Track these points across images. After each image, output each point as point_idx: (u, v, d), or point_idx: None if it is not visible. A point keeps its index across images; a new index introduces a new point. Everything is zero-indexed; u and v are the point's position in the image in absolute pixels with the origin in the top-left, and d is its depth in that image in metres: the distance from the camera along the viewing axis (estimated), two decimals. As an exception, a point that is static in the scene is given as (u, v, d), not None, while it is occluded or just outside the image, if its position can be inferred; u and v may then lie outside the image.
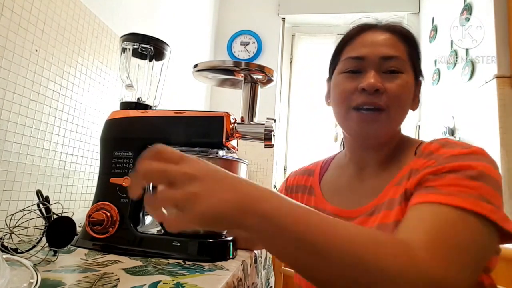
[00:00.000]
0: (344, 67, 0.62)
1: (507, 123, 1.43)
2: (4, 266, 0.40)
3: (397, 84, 0.58)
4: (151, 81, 0.89)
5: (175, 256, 0.67)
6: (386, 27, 0.63)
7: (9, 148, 0.78)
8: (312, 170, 0.78)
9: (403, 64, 0.60)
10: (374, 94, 0.58)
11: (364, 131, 0.61)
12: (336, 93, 0.64)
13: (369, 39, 0.61)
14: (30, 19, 0.83)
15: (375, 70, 0.59)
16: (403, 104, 0.60)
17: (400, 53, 0.60)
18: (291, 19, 2.65)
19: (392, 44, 0.60)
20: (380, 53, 0.59)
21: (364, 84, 0.58)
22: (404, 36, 0.62)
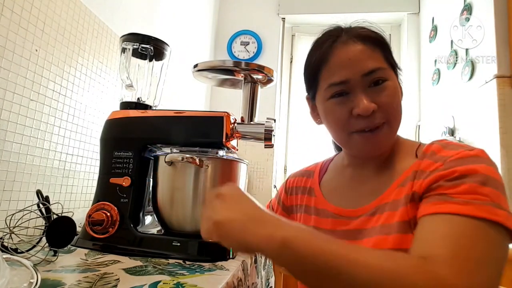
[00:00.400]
0: (329, 94, 0.61)
1: (507, 123, 1.43)
2: (4, 266, 0.40)
3: (387, 95, 0.58)
4: (151, 81, 0.89)
5: (175, 256, 0.67)
6: (355, 36, 0.60)
7: (9, 148, 0.78)
8: (311, 172, 0.78)
9: (385, 71, 0.59)
10: (370, 115, 0.57)
11: (368, 150, 0.61)
12: (331, 121, 0.63)
13: (344, 58, 0.59)
14: (30, 19, 0.83)
15: (361, 89, 0.58)
16: (398, 111, 0.60)
17: (378, 62, 0.59)
18: (291, 19, 2.65)
19: (368, 55, 0.59)
20: (360, 70, 0.58)
21: (359, 110, 0.57)
22: (376, 41, 0.61)
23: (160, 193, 0.74)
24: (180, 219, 0.73)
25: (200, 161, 0.70)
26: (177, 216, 0.73)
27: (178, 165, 0.72)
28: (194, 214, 0.72)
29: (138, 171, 0.75)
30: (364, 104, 0.57)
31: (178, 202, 0.72)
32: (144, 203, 0.77)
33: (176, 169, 0.72)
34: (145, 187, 0.77)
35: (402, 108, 0.62)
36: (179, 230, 0.72)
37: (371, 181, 0.64)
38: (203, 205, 0.50)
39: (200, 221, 0.72)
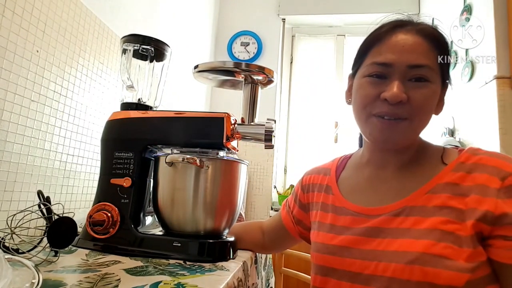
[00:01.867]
0: (368, 71, 0.59)
1: (507, 124, 1.43)
2: (7, 267, 0.40)
3: (423, 94, 0.56)
4: (152, 82, 0.89)
5: (176, 256, 0.67)
6: (419, 29, 0.59)
7: (10, 149, 0.78)
8: (328, 169, 0.76)
9: (432, 73, 0.57)
10: (397, 105, 0.56)
11: (384, 138, 0.59)
12: (357, 97, 0.62)
13: (398, 43, 0.57)
14: (31, 20, 0.83)
15: (400, 78, 0.56)
16: (426, 114, 0.58)
17: (430, 61, 0.57)
18: (291, 20, 2.65)
19: (422, 51, 0.57)
20: (408, 61, 0.56)
21: (387, 94, 0.55)
22: (437, 42, 0.58)
23: (160, 193, 0.74)
24: (180, 219, 0.73)
25: (201, 161, 0.70)
26: (177, 216, 0.73)
27: (179, 165, 0.72)
28: (194, 214, 0.72)
29: (138, 172, 0.75)
30: (395, 91, 0.55)
31: (178, 203, 0.73)
32: (144, 204, 0.77)
33: (176, 169, 0.72)
34: (145, 188, 0.77)
35: (430, 117, 0.60)
36: (180, 230, 0.72)
37: (392, 181, 0.62)
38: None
39: (200, 221, 0.72)
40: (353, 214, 0.63)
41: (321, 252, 0.65)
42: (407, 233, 0.54)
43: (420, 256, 0.51)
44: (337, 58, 2.60)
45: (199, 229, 0.73)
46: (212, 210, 0.73)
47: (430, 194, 0.55)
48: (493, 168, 0.53)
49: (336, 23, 2.64)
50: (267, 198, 2.34)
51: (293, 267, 1.44)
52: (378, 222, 0.58)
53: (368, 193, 0.65)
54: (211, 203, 0.72)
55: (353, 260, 0.58)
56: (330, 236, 0.64)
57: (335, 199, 0.69)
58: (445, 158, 0.58)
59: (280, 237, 0.83)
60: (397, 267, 0.52)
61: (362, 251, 0.58)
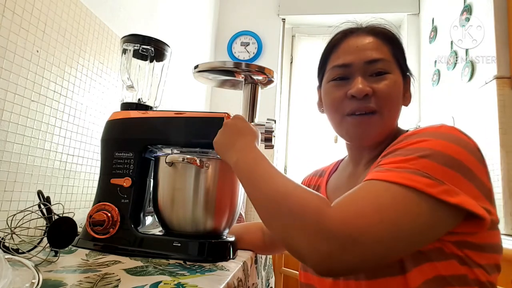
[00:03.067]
0: (331, 76, 0.63)
1: (506, 124, 1.43)
2: (7, 267, 0.40)
3: (385, 84, 0.59)
4: (152, 82, 0.89)
5: (176, 256, 0.67)
6: (368, 30, 0.63)
7: (10, 149, 0.78)
8: (323, 172, 0.80)
9: (389, 65, 0.61)
10: (364, 99, 0.59)
11: (358, 134, 0.62)
12: (327, 102, 0.65)
13: (352, 45, 0.62)
14: (31, 20, 0.83)
15: (361, 75, 0.60)
16: (394, 103, 0.61)
17: (384, 54, 0.61)
18: (291, 20, 2.65)
19: (376, 47, 0.61)
20: (365, 57, 0.60)
21: (353, 90, 0.59)
22: (387, 37, 0.63)
23: (160, 193, 0.74)
24: (180, 219, 0.73)
25: (201, 161, 0.70)
26: (177, 216, 0.73)
27: (179, 165, 0.72)
28: (194, 214, 0.72)
29: (138, 172, 0.75)
30: (359, 86, 0.58)
31: (178, 203, 0.73)
32: (144, 204, 0.77)
33: (176, 169, 0.72)
34: (145, 188, 0.77)
35: (400, 106, 0.63)
36: (180, 230, 0.72)
37: (361, 176, 0.63)
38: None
39: (200, 221, 0.72)
40: None
41: None
42: None
43: None
44: (337, 58, 2.60)
45: (199, 229, 0.73)
46: (212, 210, 0.73)
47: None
48: (403, 136, 0.54)
49: (336, 23, 2.64)
50: (267, 198, 2.34)
51: (293, 267, 1.44)
52: None
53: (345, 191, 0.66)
54: (211, 203, 0.72)
55: None
56: None
57: None
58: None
59: None
60: None
61: None
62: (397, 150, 0.50)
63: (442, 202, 0.43)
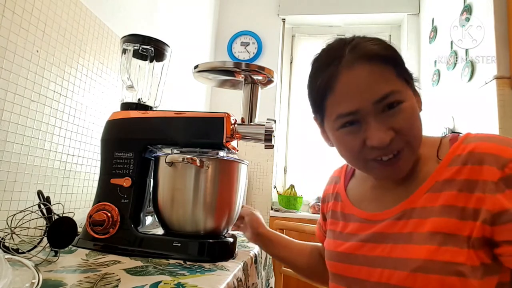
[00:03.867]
0: (338, 125, 0.55)
1: (506, 124, 1.43)
2: (7, 267, 0.40)
3: (404, 118, 0.52)
4: (152, 82, 0.89)
5: (176, 256, 0.67)
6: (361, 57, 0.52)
7: (10, 149, 0.78)
8: (338, 178, 0.74)
9: (400, 93, 0.52)
10: (387, 147, 0.52)
11: (391, 175, 0.56)
12: (344, 151, 0.58)
13: (351, 86, 0.52)
14: (31, 20, 0.83)
15: (374, 117, 0.51)
16: (418, 130, 0.54)
17: (390, 83, 0.52)
18: (291, 20, 2.65)
19: (378, 78, 0.51)
20: (371, 97, 0.51)
21: (374, 142, 0.51)
22: (386, 59, 0.53)
23: (160, 193, 0.74)
24: (180, 219, 0.73)
25: (201, 161, 0.70)
26: (177, 216, 0.73)
27: (179, 165, 0.72)
28: (194, 214, 0.72)
29: (138, 172, 0.75)
30: (379, 136, 0.50)
31: (178, 203, 0.73)
32: (144, 204, 0.77)
33: (176, 169, 0.72)
34: (145, 188, 0.77)
35: (421, 124, 0.55)
36: (180, 230, 0.72)
37: (395, 184, 0.60)
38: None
39: (200, 221, 0.72)
40: (360, 220, 0.62)
41: (331, 260, 0.64)
42: (409, 238, 0.52)
43: (423, 263, 0.49)
44: (337, 58, 2.59)
45: (199, 229, 0.73)
46: (212, 210, 0.73)
47: (430, 193, 0.53)
48: (490, 156, 0.49)
49: (336, 23, 2.64)
50: (267, 198, 2.34)
51: (293, 267, 1.44)
52: (382, 227, 0.56)
53: (373, 200, 0.63)
54: (211, 203, 0.72)
55: (360, 267, 0.57)
56: (338, 243, 0.63)
57: (344, 206, 0.67)
58: (440, 153, 0.56)
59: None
60: (400, 275, 0.51)
61: (368, 258, 0.56)
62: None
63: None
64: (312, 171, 2.53)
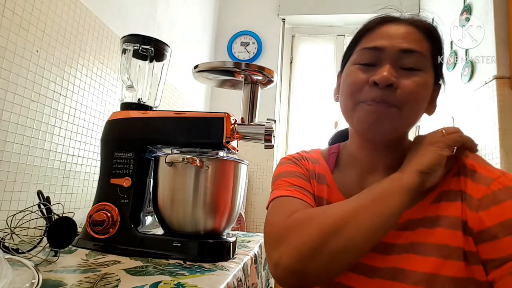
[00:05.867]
0: (358, 58, 0.55)
1: (506, 124, 1.43)
2: (7, 267, 0.40)
3: (414, 81, 0.51)
4: (152, 82, 0.89)
5: (176, 256, 0.67)
6: (410, 21, 0.56)
7: (9, 149, 0.78)
8: (316, 159, 0.66)
9: (424, 61, 0.53)
10: (386, 89, 0.51)
11: (370, 123, 0.53)
12: (345, 84, 0.57)
13: (389, 31, 0.54)
14: (31, 20, 0.83)
15: (391, 64, 0.52)
16: (418, 104, 0.53)
17: (422, 48, 0.53)
18: (291, 20, 2.65)
19: (414, 39, 0.53)
20: (399, 46, 0.52)
21: (377, 77, 0.51)
22: (429, 32, 0.55)
23: (160, 193, 0.74)
24: (180, 219, 0.73)
25: (201, 161, 0.70)
26: (177, 216, 0.73)
27: (179, 165, 0.72)
28: (194, 214, 0.72)
29: (138, 172, 0.75)
30: (384, 74, 0.50)
31: (178, 203, 0.73)
32: (144, 204, 0.77)
33: (176, 169, 0.73)
34: (145, 188, 0.77)
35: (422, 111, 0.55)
36: (180, 230, 0.72)
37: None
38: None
39: (200, 221, 0.72)
40: None
41: None
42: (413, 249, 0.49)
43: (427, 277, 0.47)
44: (337, 58, 2.60)
45: (199, 229, 0.73)
46: (212, 210, 0.73)
47: (435, 204, 0.51)
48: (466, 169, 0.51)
49: (336, 23, 2.64)
50: (267, 198, 2.34)
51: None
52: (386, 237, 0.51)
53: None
54: (211, 203, 0.72)
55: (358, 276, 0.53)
56: None
57: (331, 194, 0.61)
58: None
59: None
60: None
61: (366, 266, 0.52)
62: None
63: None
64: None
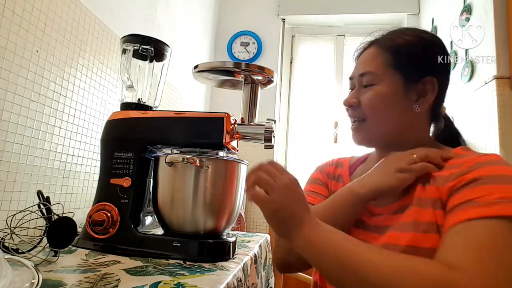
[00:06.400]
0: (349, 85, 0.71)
1: (506, 124, 1.43)
2: (6, 267, 0.40)
3: (367, 96, 0.64)
4: (152, 82, 0.89)
5: (176, 256, 0.67)
6: (375, 41, 0.67)
7: (9, 149, 0.78)
8: (341, 164, 0.78)
9: (375, 77, 0.63)
10: (352, 109, 0.66)
11: (352, 138, 0.68)
12: None
13: (359, 61, 0.68)
14: (31, 20, 0.83)
15: (358, 87, 0.66)
16: (378, 112, 0.63)
17: (373, 67, 0.64)
18: (291, 20, 2.65)
19: (370, 59, 0.65)
20: (358, 72, 0.66)
21: (343, 101, 0.67)
22: (389, 46, 0.63)
23: (160, 193, 0.74)
24: (180, 219, 0.73)
25: (201, 161, 0.70)
26: (177, 216, 0.73)
27: (179, 165, 0.72)
28: (194, 214, 0.72)
29: (138, 172, 0.75)
30: (347, 98, 0.67)
31: (178, 203, 0.73)
32: (144, 204, 0.77)
33: (176, 169, 0.72)
34: (145, 188, 0.77)
35: (392, 114, 0.63)
36: (180, 230, 0.72)
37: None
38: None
39: (200, 221, 0.72)
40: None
41: None
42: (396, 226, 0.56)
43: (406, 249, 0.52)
44: (337, 58, 2.60)
45: (199, 229, 0.73)
46: (212, 210, 0.73)
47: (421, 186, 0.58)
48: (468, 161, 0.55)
49: (336, 23, 2.64)
50: (267, 198, 2.34)
51: (293, 267, 1.43)
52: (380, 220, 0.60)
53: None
54: (210, 203, 0.73)
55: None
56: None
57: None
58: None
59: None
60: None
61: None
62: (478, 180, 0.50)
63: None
64: (312, 171, 2.52)
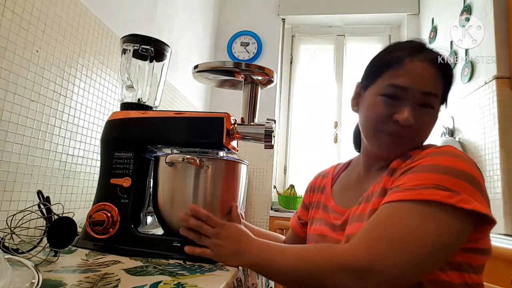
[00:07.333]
0: (384, 91, 0.64)
1: (506, 124, 1.43)
2: (6, 267, 0.40)
3: (426, 120, 0.63)
4: (152, 82, 0.89)
5: (176, 256, 0.67)
6: (431, 59, 0.63)
7: (9, 149, 0.78)
8: (326, 173, 0.85)
9: (436, 101, 0.63)
10: (405, 127, 0.61)
11: (389, 151, 0.65)
12: (370, 114, 0.66)
13: (416, 71, 0.62)
14: (31, 20, 0.83)
15: (411, 103, 0.61)
16: (426, 135, 0.64)
17: (438, 90, 0.63)
18: (291, 20, 2.65)
19: (434, 80, 0.62)
20: (423, 88, 0.61)
21: (401, 118, 0.61)
22: (446, 74, 0.64)
23: (160, 193, 0.74)
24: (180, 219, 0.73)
25: (201, 161, 0.70)
26: (177, 216, 0.73)
27: (179, 165, 0.72)
28: (194, 214, 0.72)
29: (138, 172, 0.75)
30: (408, 116, 0.60)
31: (178, 203, 0.73)
32: (144, 204, 0.77)
33: (176, 169, 0.72)
34: (145, 188, 0.77)
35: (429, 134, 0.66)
36: (180, 230, 0.72)
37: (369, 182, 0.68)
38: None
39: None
40: (332, 211, 0.72)
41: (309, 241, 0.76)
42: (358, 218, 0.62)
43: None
44: (337, 58, 2.60)
45: (199, 229, 0.72)
46: (212, 210, 0.73)
47: (378, 182, 0.63)
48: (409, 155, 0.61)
49: (336, 23, 2.64)
50: (267, 198, 2.34)
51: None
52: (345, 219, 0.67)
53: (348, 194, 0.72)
54: (211, 203, 0.72)
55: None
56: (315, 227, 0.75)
57: (325, 198, 0.78)
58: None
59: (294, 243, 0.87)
60: None
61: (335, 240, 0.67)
62: (411, 169, 0.55)
63: (461, 210, 0.48)
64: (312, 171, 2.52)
